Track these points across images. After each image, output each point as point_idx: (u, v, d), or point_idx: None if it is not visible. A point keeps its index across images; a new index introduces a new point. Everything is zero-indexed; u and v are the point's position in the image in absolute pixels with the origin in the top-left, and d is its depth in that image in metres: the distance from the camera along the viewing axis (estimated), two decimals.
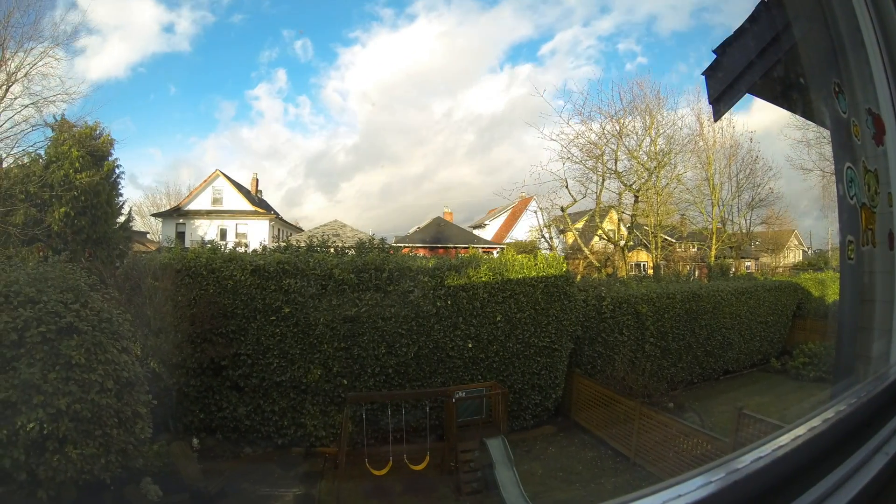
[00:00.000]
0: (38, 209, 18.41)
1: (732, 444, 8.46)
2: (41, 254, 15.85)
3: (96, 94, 51.50)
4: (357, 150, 67.47)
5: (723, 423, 10.69)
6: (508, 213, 43.47)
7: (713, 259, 26.08)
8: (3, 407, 6.57)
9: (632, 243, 25.83)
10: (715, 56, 2.85)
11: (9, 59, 18.92)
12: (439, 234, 35.36)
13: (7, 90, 18.91)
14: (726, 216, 27.86)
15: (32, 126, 19.88)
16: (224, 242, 29.34)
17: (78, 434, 6.93)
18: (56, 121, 20.44)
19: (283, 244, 12.55)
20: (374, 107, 59.22)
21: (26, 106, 19.49)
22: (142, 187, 69.81)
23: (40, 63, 19.69)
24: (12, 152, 19.55)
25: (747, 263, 35.47)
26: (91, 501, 7.35)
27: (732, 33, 2.74)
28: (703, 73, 2.92)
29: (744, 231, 30.12)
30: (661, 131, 24.29)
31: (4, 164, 19.42)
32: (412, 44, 63.11)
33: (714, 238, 26.43)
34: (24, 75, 19.35)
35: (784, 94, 2.92)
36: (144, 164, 60.13)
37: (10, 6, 19.09)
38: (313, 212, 74.03)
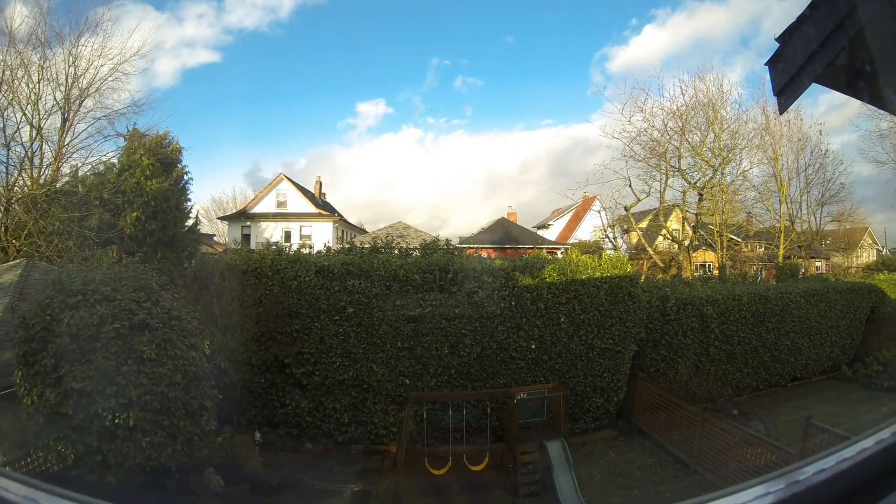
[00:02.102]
0: (112, 214, 19.60)
1: (798, 455, 8.01)
2: (115, 255, 16.67)
3: (165, 104, 54.02)
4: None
5: (789, 433, 10.21)
6: (572, 213, 42.97)
7: (781, 259, 24.95)
8: (79, 396, 6.93)
9: (696, 243, 24.97)
10: (777, 45, 2.66)
11: (80, 76, 20.11)
12: (503, 234, 35.25)
13: (80, 104, 20.14)
14: (795, 213, 26.62)
15: (105, 137, 21.28)
16: (289, 244, 30.17)
17: (147, 423, 7.23)
18: (127, 131, 21.66)
19: (347, 245, 12.72)
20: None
21: (99, 119, 20.87)
22: (209, 192, 72.80)
23: (110, 78, 20.94)
24: (88, 161, 20.88)
25: (817, 263, 33.69)
26: (157, 487, 7.67)
27: (794, 20, 2.55)
28: (765, 63, 2.72)
29: (813, 229, 28.60)
30: (724, 126, 23.39)
31: (81, 173, 20.66)
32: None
33: (782, 237, 25.25)
34: (96, 90, 20.62)
35: (852, 83, 2.69)
36: (212, 169, 62.59)
37: (80, 27, 20.32)
38: (377, 214, 75.30)
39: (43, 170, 19.24)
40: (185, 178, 23.62)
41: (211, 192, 72.75)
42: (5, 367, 8.77)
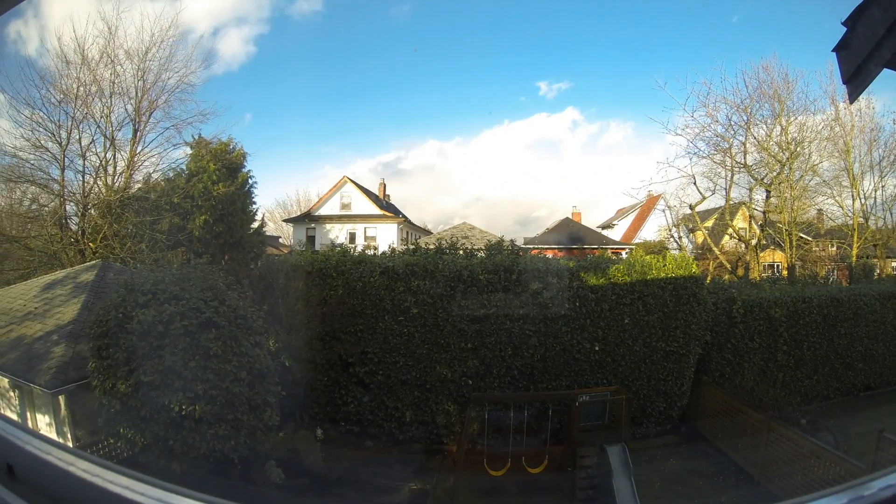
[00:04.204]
0: (182, 218, 20.60)
1: (868, 469, 7.63)
2: (184, 257, 17.42)
3: (230, 113, 55.88)
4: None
5: (859, 445, 9.74)
6: (637, 212, 41.93)
7: (854, 259, 23.62)
8: (148, 388, 7.38)
9: (764, 242, 23.97)
10: (845, 29, 2.50)
11: (149, 88, 21.27)
12: (568, 234, 34.87)
13: (150, 115, 21.32)
14: (869, 210, 25.13)
15: (174, 145, 22.43)
16: (353, 245, 30.79)
17: (212, 416, 7.59)
18: (194, 139, 22.78)
19: (411, 246, 12.86)
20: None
21: (167, 128, 21.96)
22: (274, 195, 75.01)
23: (177, 90, 22.02)
24: (158, 168, 22.08)
25: (894, 263, 31.75)
26: (219, 477, 7.98)
27: (862, 1, 2.39)
28: (832, 50, 2.55)
29: (889, 226, 26.95)
30: (791, 118, 22.31)
31: (152, 179, 21.84)
32: None
33: (855, 235, 23.85)
34: (164, 102, 21.73)
35: None
36: (276, 173, 64.28)
37: (147, 43, 21.43)
38: (442, 215, 75.54)
39: (116, 177, 20.40)
40: (250, 182, 24.47)
41: (276, 196, 74.77)
42: (80, 359, 9.34)
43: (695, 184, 22.91)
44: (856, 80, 2.47)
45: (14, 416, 10.01)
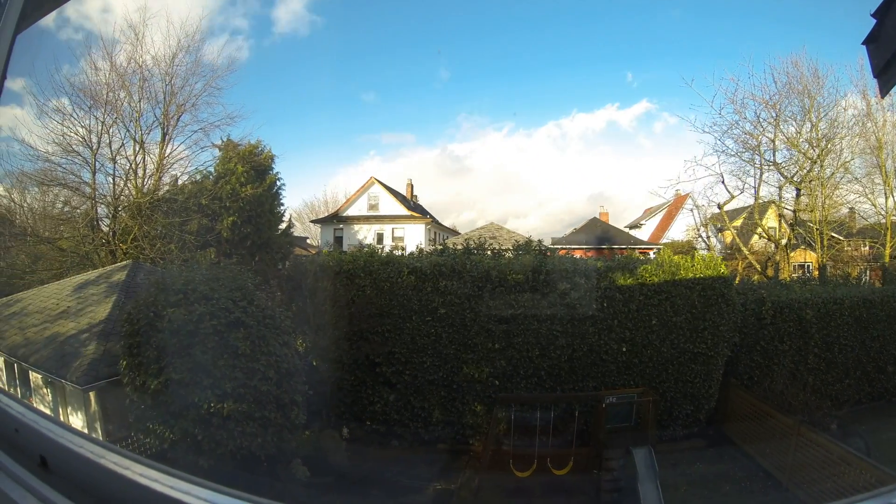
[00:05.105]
0: (210, 219, 21.11)
1: None
2: (213, 257, 17.77)
3: (257, 115, 56.66)
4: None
5: (891, 452, 9.67)
6: (664, 211, 41.48)
7: (888, 258, 22.99)
8: (178, 385, 7.54)
9: (794, 242, 23.48)
10: (874, 21, 2.42)
11: (176, 93, 21.75)
12: (595, 235, 34.63)
13: (178, 119, 21.79)
14: None
15: (202, 148, 23.04)
16: (381, 246, 31.01)
17: (240, 414, 7.74)
18: (221, 141, 23.25)
19: (439, 247, 12.90)
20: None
21: (195, 131, 22.49)
22: (301, 196, 75.96)
23: (204, 94, 22.51)
24: (186, 170, 22.60)
25: None
26: (245, 473, 8.07)
27: None
28: (862, 43, 2.48)
29: None
30: (822, 114, 21.77)
31: (180, 182, 22.31)
32: None
33: (888, 234, 23.22)
34: (192, 105, 22.23)
35: None
36: (303, 174, 64.84)
37: (174, 49, 21.90)
38: (469, 216, 75.52)
39: (146, 179, 20.95)
40: (278, 183, 24.99)
41: (303, 196, 75.65)
42: (111, 357, 9.60)
43: (723, 182, 22.45)
44: (886, 73, 2.41)
45: (47, 411, 10.31)
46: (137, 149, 20.57)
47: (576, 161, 61.47)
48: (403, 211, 38.94)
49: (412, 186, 45.30)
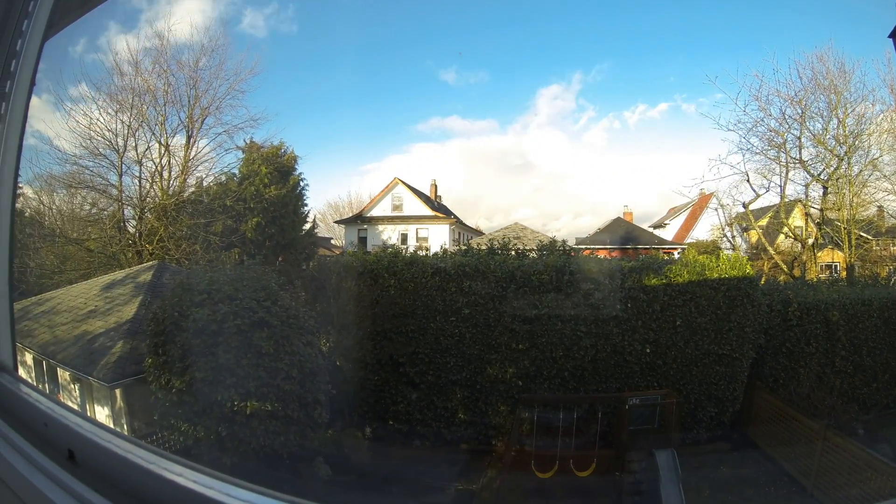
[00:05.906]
0: (234, 220, 21.47)
1: None
2: (238, 258, 18.02)
3: (280, 117, 57.15)
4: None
5: None
6: (689, 211, 41.12)
7: None
8: (202, 384, 7.68)
9: (822, 241, 23.05)
10: None
11: (201, 96, 22.13)
12: (620, 235, 34.45)
13: (202, 122, 22.19)
14: None
15: (226, 150, 23.53)
16: (405, 246, 31.21)
17: (263, 413, 7.85)
18: (245, 144, 23.63)
19: (463, 247, 12.92)
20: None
21: (219, 134, 23.02)
22: (325, 197, 76.61)
23: (227, 97, 22.91)
24: (211, 172, 23.00)
25: None
26: (268, 472, 8.17)
27: None
28: (889, 36, 2.44)
29: None
30: (849, 110, 21.28)
31: (205, 183, 22.70)
32: None
33: None
34: (216, 108, 22.66)
35: None
36: (327, 174, 65.25)
37: (198, 53, 22.29)
38: (493, 217, 75.45)
39: (171, 181, 21.41)
40: (301, 184, 25.33)
41: (327, 197, 76.17)
42: (137, 354, 9.81)
43: (748, 181, 22.13)
44: None
45: (75, 407, 10.55)
46: (163, 151, 21.06)
47: (604, 160, 61.03)
48: (427, 211, 39.07)
49: (436, 186, 45.38)
